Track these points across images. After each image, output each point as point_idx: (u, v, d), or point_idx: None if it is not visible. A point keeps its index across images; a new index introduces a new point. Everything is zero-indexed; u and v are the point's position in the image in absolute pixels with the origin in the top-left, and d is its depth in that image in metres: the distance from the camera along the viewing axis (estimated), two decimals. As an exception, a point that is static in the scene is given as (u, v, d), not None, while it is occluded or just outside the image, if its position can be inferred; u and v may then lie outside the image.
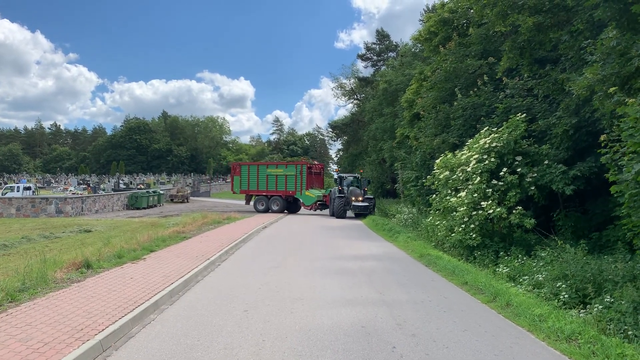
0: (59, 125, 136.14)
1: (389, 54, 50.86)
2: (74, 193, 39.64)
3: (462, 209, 11.90)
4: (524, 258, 10.13)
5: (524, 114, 12.20)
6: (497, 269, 9.97)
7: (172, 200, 46.92)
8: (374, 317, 6.57)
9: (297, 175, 29.66)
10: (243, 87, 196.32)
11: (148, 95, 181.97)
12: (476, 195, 11.66)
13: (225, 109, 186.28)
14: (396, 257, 12.58)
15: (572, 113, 10.92)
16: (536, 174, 11.16)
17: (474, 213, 11.54)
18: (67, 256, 10.24)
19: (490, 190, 11.47)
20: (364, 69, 55.05)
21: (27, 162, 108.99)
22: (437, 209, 14.17)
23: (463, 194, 12.17)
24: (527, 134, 12.10)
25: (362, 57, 53.35)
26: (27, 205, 30.45)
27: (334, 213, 27.40)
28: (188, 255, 11.51)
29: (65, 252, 12.74)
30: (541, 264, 9.16)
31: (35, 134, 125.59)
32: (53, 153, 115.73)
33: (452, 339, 5.69)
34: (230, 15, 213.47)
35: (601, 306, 6.56)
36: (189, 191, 52.08)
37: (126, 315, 6.16)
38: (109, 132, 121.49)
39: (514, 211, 11.05)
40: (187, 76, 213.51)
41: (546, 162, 11.20)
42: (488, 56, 17.36)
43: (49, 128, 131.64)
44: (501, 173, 11.53)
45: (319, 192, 30.23)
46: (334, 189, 28.89)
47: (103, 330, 5.51)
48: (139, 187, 51.76)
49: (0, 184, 49.24)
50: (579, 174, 10.52)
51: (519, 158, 11.61)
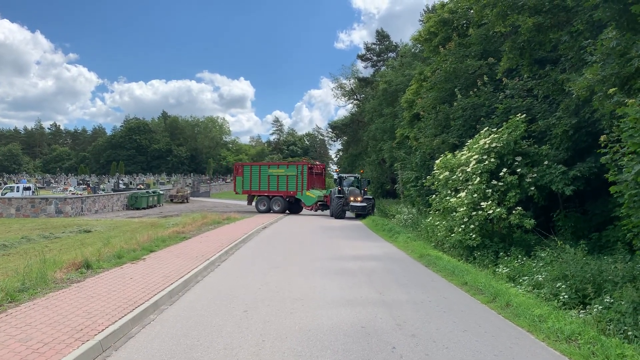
0: (59, 125, 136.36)
1: (389, 55, 50.93)
2: (74, 193, 39.63)
3: (462, 210, 11.91)
4: (524, 258, 10.13)
5: (524, 115, 12.21)
6: (497, 270, 9.97)
7: (172, 200, 46.94)
8: (374, 318, 6.57)
9: (298, 175, 29.63)
10: (243, 88, 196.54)
11: (148, 95, 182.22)
12: (476, 195, 11.67)
13: (225, 109, 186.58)
14: (396, 258, 12.58)
15: (572, 113, 10.92)
16: (536, 175, 11.17)
17: (474, 213, 11.55)
18: (67, 256, 10.24)
19: (490, 190, 11.48)
20: (364, 70, 55.17)
21: (27, 162, 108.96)
22: (437, 210, 14.18)
23: (463, 195, 12.18)
24: (527, 135, 12.11)
25: (362, 58, 53.44)
26: (27, 205, 30.45)
27: (333, 213, 27.43)
28: (188, 255, 11.51)
29: (65, 253, 12.74)
30: (541, 265, 9.16)
31: (35, 134, 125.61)
32: (53, 153, 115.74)
33: (452, 339, 5.69)
34: (230, 15, 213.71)
35: (601, 307, 6.57)
36: (189, 191, 52.09)
37: (126, 315, 6.16)
38: (109, 133, 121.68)
39: (514, 211, 11.06)
40: (187, 76, 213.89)
41: (546, 163, 11.21)
42: (488, 57, 17.37)
43: (49, 128, 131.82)
44: (501, 173, 11.54)
45: (320, 193, 30.19)
46: (334, 190, 28.88)
47: (103, 330, 5.50)
48: (139, 188, 51.76)
49: (0, 184, 49.21)
50: (579, 175, 10.53)
51: (519, 158, 11.62)
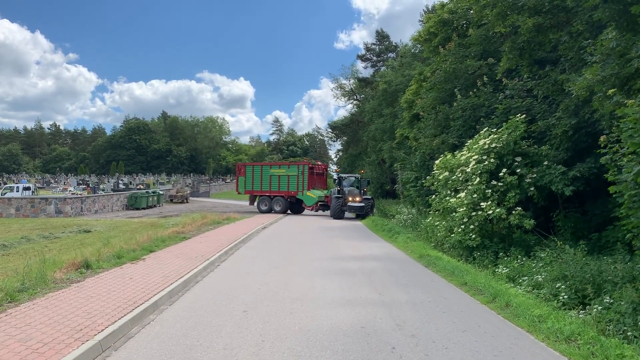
0: (59, 125, 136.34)
1: (389, 55, 50.94)
2: (74, 193, 39.61)
3: (462, 210, 11.91)
4: (524, 259, 10.14)
5: (524, 115, 12.21)
6: (497, 270, 9.97)
7: (172, 200, 46.94)
8: (374, 318, 6.57)
9: (299, 175, 29.54)
10: (243, 88, 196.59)
11: (148, 95, 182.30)
12: (476, 195, 11.67)
13: (225, 110, 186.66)
14: (396, 258, 12.58)
15: (572, 114, 10.93)
16: (536, 175, 11.16)
17: (474, 214, 11.55)
18: (67, 256, 10.24)
19: (489, 191, 11.48)
20: (364, 70, 55.18)
21: (27, 162, 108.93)
22: (437, 210, 14.18)
23: (462, 195, 12.18)
24: (527, 135, 12.11)
25: (362, 58, 53.46)
26: (27, 205, 30.44)
27: (331, 213, 27.40)
28: (187, 255, 11.51)
29: (64, 253, 12.74)
30: (540, 265, 9.17)
31: (34, 134, 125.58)
32: (52, 153, 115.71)
33: (452, 340, 5.70)
34: (230, 15, 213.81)
35: (600, 307, 6.57)
36: (189, 191, 52.08)
37: (125, 315, 6.16)
38: (109, 133, 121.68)
39: (514, 212, 11.06)
40: (187, 76, 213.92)
41: (546, 163, 11.21)
42: (488, 57, 17.36)
43: (49, 128, 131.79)
44: (501, 174, 11.54)
45: (321, 193, 30.10)
46: (334, 190, 28.83)
47: (102, 330, 5.50)
48: (139, 188, 51.74)
49: (0, 184, 49.22)
50: (579, 175, 10.53)
51: (519, 159, 11.62)
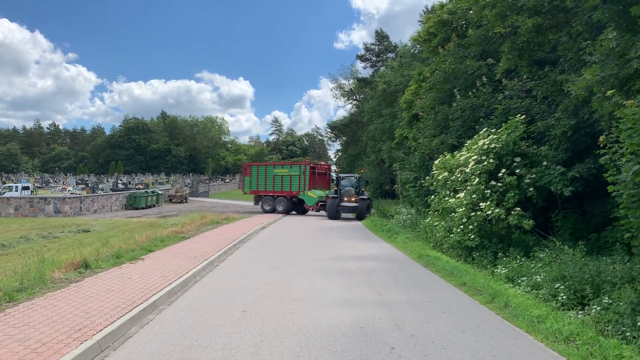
0: (58, 125, 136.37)
1: (388, 55, 50.93)
2: (73, 193, 39.58)
3: (461, 210, 11.91)
4: (523, 259, 10.14)
5: (523, 115, 12.21)
6: (496, 270, 9.97)
7: (171, 200, 46.94)
8: (373, 318, 6.57)
9: (301, 175, 29.44)
10: (242, 88, 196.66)
11: (147, 95, 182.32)
12: (475, 196, 11.67)
13: (224, 109, 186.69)
14: (395, 258, 12.58)
15: (571, 114, 10.93)
16: (535, 175, 11.17)
17: (473, 214, 11.55)
18: (66, 256, 10.23)
19: (488, 191, 11.48)
20: (363, 70, 55.16)
21: (26, 162, 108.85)
22: (436, 210, 14.18)
23: (462, 195, 12.18)
24: (526, 135, 12.11)
25: (361, 58, 53.46)
26: (26, 205, 30.41)
27: (327, 214, 27.17)
28: (186, 255, 11.50)
29: (63, 252, 12.73)
30: (540, 265, 9.17)
31: (33, 134, 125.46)
32: (51, 153, 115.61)
33: (451, 340, 5.70)
34: (229, 15, 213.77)
35: (599, 307, 6.57)
36: (188, 191, 52.09)
37: (124, 315, 6.15)
38: (108, 132, 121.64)
39: (513, 212, 11.06)
40: (187, 76, 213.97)
41: (545, 164, 11.22)
42: (487, 57, 17.36)
43: (48, 128, 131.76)
44: (500, 174, 11.54)
45: (322, 193, 29.94)
46: (332, 190, 28.73)
47: (101, 330, 5.50)
48: (138, 187, 51.70)
49: (-2, 184, 49.11)
50: (578, 176, 10.54)
51: (518, 159, 11.62)
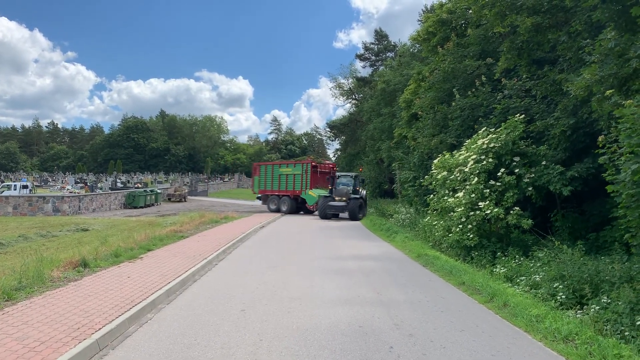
0: (57, 123, 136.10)
1: (388, 54, 50.83)
2: (71, 192, 39.52)
3: (460, 209, 11.91)
4: (521, 258, 10.14)
5: (522, 115, 12.22)
6: (495, 270, 9.98)
7: (170, 199, 46.93)
8: (372, 317, 6.57)
9: (303, 174, 29.29)
10: (241, 87, 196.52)
11: (146, 94, 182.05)
12: (474, 195, 11.68)
13: (223, 109, 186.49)
14: (394, 257, 12.58)
15: (570, 114, 10.94)
16: (534, 175, 11.18)
17: (472, 213, 11.56)
18: (64, 255, 10.23)
19: (487, 190, 11.49)
20: (362, 69, 55.04)
21: (24, 161, 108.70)
22: (435, 209, 14.17)
23: (461, 194, 12.18)
24: (525, 135, 12.12)
25: (361, 57, 53.36)
26: (24, 203, 30.38)
27: (318, 213, 26.58)
28: (185, 254, 11.50)
29: (62, 251, 12.73)
30: (538, 265, 9.17)
31: (32, 133, 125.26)
32: (50, 152, 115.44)
33: (450, 339, 5.70)
34: (229, 14, 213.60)
35: (598, 307, 6.58)
36: (187, 190, 52.07)
37: (123, 314, 6.15)
38: (107, 131, 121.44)
39: (512, 212, 11.07)
40: (186, 75, 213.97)
41: (544, 163, 11.22)
42: (486, 57, 17.37)
43: (47, 126, 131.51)
44: (499, 174, 11.55)
45: (323, 192, 29.93)
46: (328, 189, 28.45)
47: (100, 329, 5.50)
48: (137, 186, 51.64)
49: (-3, 183, 49.03)
50: (577, 175, 10.55)
51: (517, 159, 11.63)
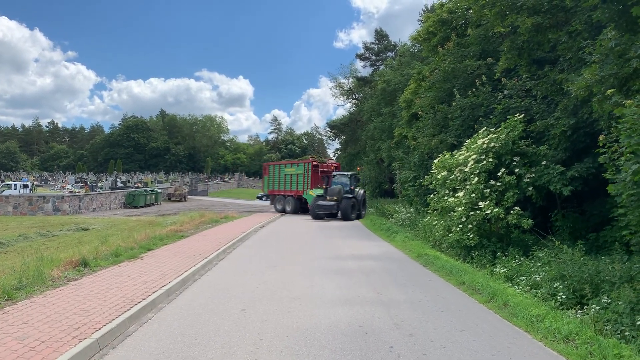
0: (57, 123, 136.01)
1: (388, 54, 50.81)
2: (72, 191, 39.53)
3: (460, 209, 11.91)
4: (522, 258, 10.14)
5: (522, 115, 12.22)
6: (495, 269, 9.98)
7: (170, 199, 46.95)
8: (372, 317, 6.57)
9: (304, 173, 29.10)
10: (242, 86, 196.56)
11: (146, 93, 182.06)
12: (474, 195, 11.67)
13: (223, 108, 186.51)
14: (394, 257, 12.58)
15: (570, 114, 10.93)
16: (534, 175, 11.17)
17: (472, 213, 11.56)
18: (64, 254, 10.23)
19: (488, 190, 11.49)
20: (363, 69, 55.05)
21: (25, 160, 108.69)
22: (435, 209, 14.17)
23: (461, 194, 12.18)
24: (525, 135, 12.12)
25: (361, 57, 53.35)
26: (24, 203, 30.38)
27: (310, 213, 26.21)
28: (185, 254, 11.50)
29: (62, 251, 12.73)
30: (539, 265, 9.17)
31: (32, 132, 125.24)
32: (50, 151, 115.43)
33: (450, 339, 5.70)
34: (229, 14, 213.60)
35: (598, 307, 6.58)
36: (187, 190, 52.10)
37: (123, 313, 6.15)
38: (107, 131, 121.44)
39: (512, 211, 11.07)
40: (186, 75, 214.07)
41: (544, 163, 11.22)
42: (487, 57, 17.36)
43: (47, 126, 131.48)
44: (499, 173, 11.55)
45: (321, 192, 29.82)
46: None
47: (100, 328, 5.50)
48: (137, 186, 51.66)
49: (-3, 182, 49.02)
50: (577, 175, 10.54)
51: (517, 158, 11.63)
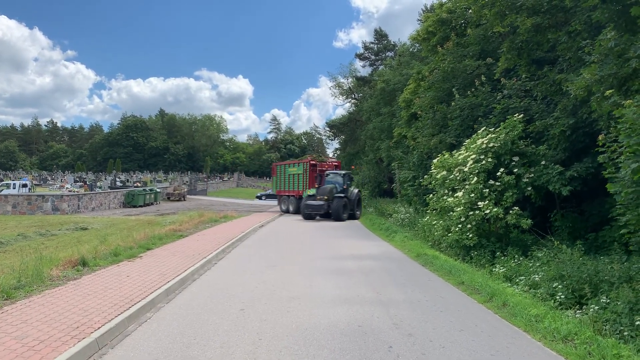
0: (56, 122, 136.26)
1: (387, 54, 50.79)
2: (71, 191, 39.50)
3: (459, 209, 11.91)
4: (521, 258, 10.15)
5: (522, 115, 12.22)
6: (494, 269, 9.98)
7: (169, 198, 46.92)
8: (371, 317, 6.57)
9: (303, 173, 29.06)
10: (241, 86, 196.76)
11: (146, 93, 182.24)
12: (473, 195, 11.68)
13: (223, 108, 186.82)
14: (393, 257, 12.58)
15: (570, 114, 10.93)
16: (533, 175, 11.18)
17: (471, 213, 11.56)
18: (63, 254, 10.22)
19: (487, 190, 11.49)
20: (362, 69, 54.94)
21: (24, 160, 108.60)
22: (434, 209, 14.17)
23: (460, 194, 12.18)
24: (525, 135, 12.12)
25: (360, 57, 53.32)
26: (23, 202, 30.35)
27: (301, 213, 25.94)
28: (184, 253, 11.49)
29: (61, 250, 12.72)
30: (538, 265, 9.18)
31: (31, 131, 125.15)
32: (49, 150, 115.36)
33: (449, 339, 5.70)
34: (229, 14, 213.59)
35: (597, 307, 6.58)
36: (186, 189, 52.09)
37: (122, 313, 6.14)
38: (106, 130, 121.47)
39: (511, 211, 11.07)
40: (186, 74, 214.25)
41: (543, 163, 11.22)
42: (486, 57, 17.36)
43: (46, 125, 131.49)
44: (498, 173, 11.55)
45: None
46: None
47: (99, 328, 5.49)
48: (136, 185, 51.65)
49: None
50: (576, 175, 10.55)
51: (516, 158, 11.63)
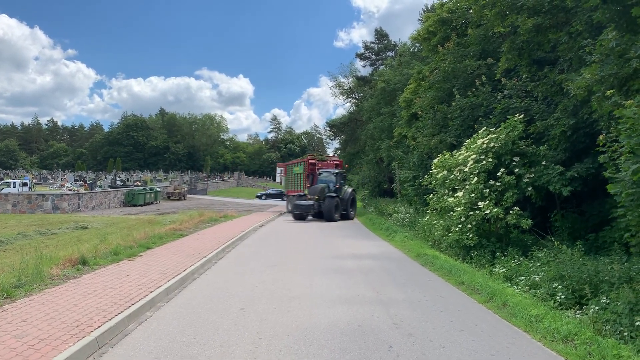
0: (56, 121, 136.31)
1: (388, 54, 50.76)
2: (71, 190, 39.51)
3: (459, 209, 11.91)
4: (521, 258, 10.14)
5: (522, 115, 12.22)
6: (494, 269, 9.98)
7: (169, 197, 46.92)
8: (371, 316, 6.57)
9: (303, 172, 29.23)
10: (242, 85, 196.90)
11: (146, 92, 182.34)
12: (473, 195, 11.67)
13: (223, 107, 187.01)
14: (393, 257, 12.58)
15: (570, 114, 10.93)
16: (533, 175, 11.17)
17: (471, 213, 11.55)
18: (63, 253, 10.22)
19: (487, 190, 11.48)
20: (363, 68, 54.91)
21: (24, 158, 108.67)
22: (434, 209, 14.17)
23: (460, 194, 12.18)
24: (525, 135, 12.11)
25: (361, 57, 53.28)
26: (24, 201, 30.36)
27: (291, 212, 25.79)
28: (184, 252, 11.49)
29: (61, 249, 12.71)
30: (538, 265, 9.17)
31: (32, 130, 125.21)
32: (50, 149, 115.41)
33: (449, 339, 5.70)
34: (230, 13, 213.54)
35: (597, 307, 6.58)
36: (186, 189, 52.11)
37: (122, 312, 6.14)
38: (106, 129, 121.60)
39: (511, 212, 11.06)
40: (186, 73, 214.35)
41: (544, 163, 11.21)
42: (487, 57, 17.34)
43: (46, 124, 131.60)
44: (498, 173, 11.54)
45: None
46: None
47: (99, 327, 5.49)
48: (136, 184, 51.66)
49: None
50: (576, 175, 10.54)
51: (517, 159, 11.62)
